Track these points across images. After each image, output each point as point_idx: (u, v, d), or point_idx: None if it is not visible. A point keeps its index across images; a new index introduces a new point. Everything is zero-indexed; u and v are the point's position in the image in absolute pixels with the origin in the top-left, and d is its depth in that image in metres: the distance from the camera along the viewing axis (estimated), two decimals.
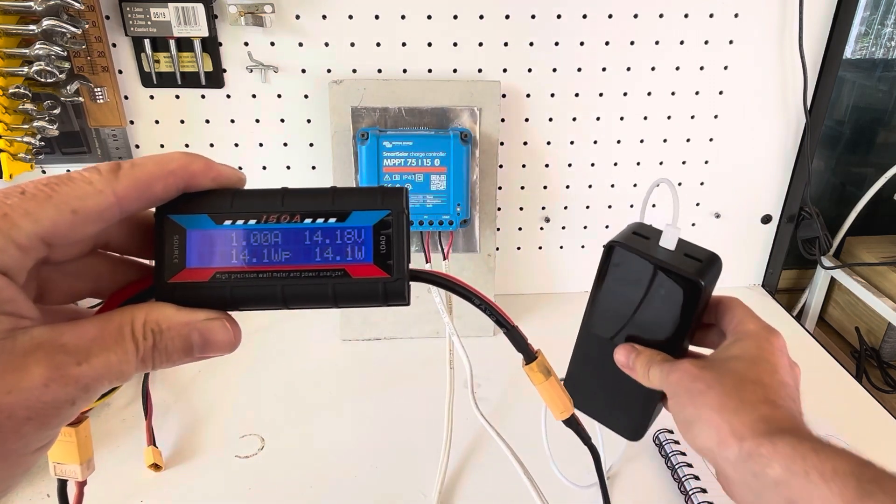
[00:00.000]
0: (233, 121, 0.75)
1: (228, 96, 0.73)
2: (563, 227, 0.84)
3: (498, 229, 0.78)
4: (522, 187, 0.81)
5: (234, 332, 0.24)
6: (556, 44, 0.73)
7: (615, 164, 0.81)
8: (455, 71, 0.74)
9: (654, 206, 0.54)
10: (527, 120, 0.77)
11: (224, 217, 0.24)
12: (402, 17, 0.71)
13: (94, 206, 0.21)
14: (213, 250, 0.24)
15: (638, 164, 0.81)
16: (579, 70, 0.75)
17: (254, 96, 0.74)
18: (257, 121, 0.75)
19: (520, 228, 0.84)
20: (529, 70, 0.75)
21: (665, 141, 0.80)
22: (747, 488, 0.32)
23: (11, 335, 0.20)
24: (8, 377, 0.19)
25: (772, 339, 0.37)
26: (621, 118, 0.78)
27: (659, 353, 0.40)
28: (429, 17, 0.71)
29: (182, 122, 0.74)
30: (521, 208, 0.82)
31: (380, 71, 0.73)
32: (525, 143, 0.79)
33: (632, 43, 0.74)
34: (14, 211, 0.20)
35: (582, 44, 0.74)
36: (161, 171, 0.23)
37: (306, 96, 0.74)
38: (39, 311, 0.21)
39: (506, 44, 0.73)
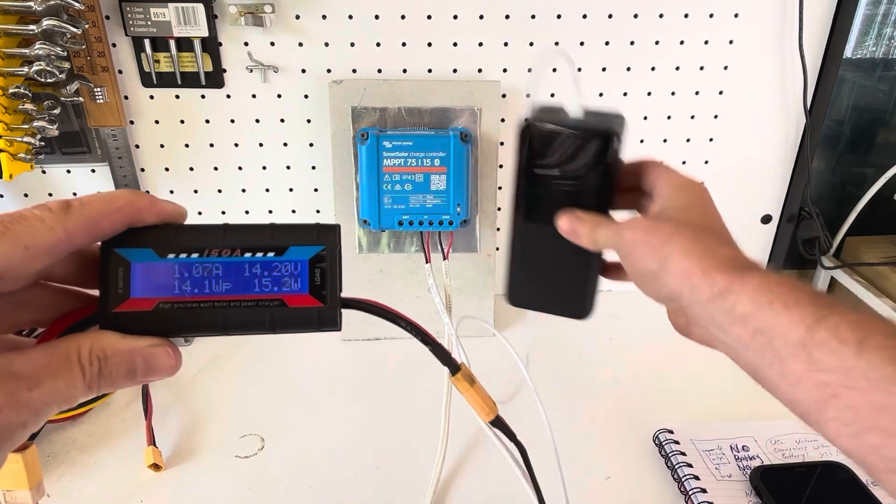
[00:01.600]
0: (233, 121, 0.75)
1: (228, 96, 0.73)
2: None
3: (498, 229, 0.78)
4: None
5: (175, 357, 0.26)
6: (556, 44, 0.73)
7: None
8: (455, 71, 0.74)
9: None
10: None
11: (168, 250, 0.26)
12: (402, 17, 0.71)
13: (44, 242, 0.22)
14: (156, 281, 0.26)
15: None
16: (579, 70, 0.75)
17: (254, 96, 0.74)
18: (257, 121, 0.75)
19: None
20: (529, 70, 0.75)
21: (665, 141, 0.80)
22: (713, 325, 0.34)
23: None
24: None
25: (704, 189, 0.39)
26: None
27: (602, 216, 0.42)
28: (429, 17, 0.71)
29: (182, 122, 0.74)
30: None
31: (380, 71, 0.73)
32: None
33: (632, 43, 0.74)
34: None
35: (582, 44, 0.74)
36: (109, 209, 0.24)
37: (306, 96, 0.74)
38: None
39: (506, 44, 0.73)
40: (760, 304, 0.31)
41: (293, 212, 0.80)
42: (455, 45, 0.73)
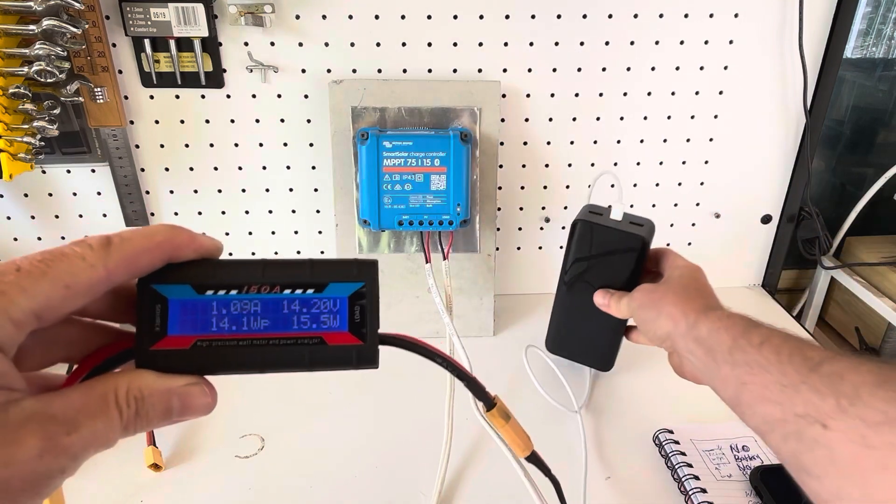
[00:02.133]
0: (233, 121, 0.75)
1: (228, 96, 0.73)
2: (563, 227, 0.84)
3: (498, 229, 0.78)
4: (522, 187, 0.81)
5: (212, 395, 0.25)
6: (556, 44, 0.73)
7: (615, 164, 0.81)
8: (455, 71, 0.74)
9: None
10: (527, 120, 0.77)
11: (206, 287, 0.25)
12: (402, 17, 0.71)
13: (86, 280, 0.22)
14: (194, 319, 0.25)
15: (638, 164, 0.81)
16: (579, 70, 0.75)
17: (254, 96, 0.74)
18: (257, 121, 0.75)
19: (520, 228, 0.84)
20: (529, 70, 0.75)
21: (665, 141, 0.80)
22: (689, 353, 0.46)
23: (4, 408, 0.20)
24: (3, 450, 0.20)
25: (698, 268, 0.54)
26: (621, 118, 0.78)
27: (625, 292, 0.57)
28: (429, 17, 0.71)
29: (182, 122, 0.74)
30: (521, 208, 0.82)
31: (380, 71, 0.73)
32: (525, 143, 0.79)
33: (632, 43, 0.74)
34: (11, 288, 0.20)
35: (582, 44, 0.74)
36: (148, 245, 0.24)
37: (306, 96, 0.74)
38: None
39: (506, 44, 0.73)
40: (712, 330, 0.44)
41: (293, 212, 0.80)
42: (455, 45, 0.73)
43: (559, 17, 0.72)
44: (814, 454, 0.33)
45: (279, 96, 0.74)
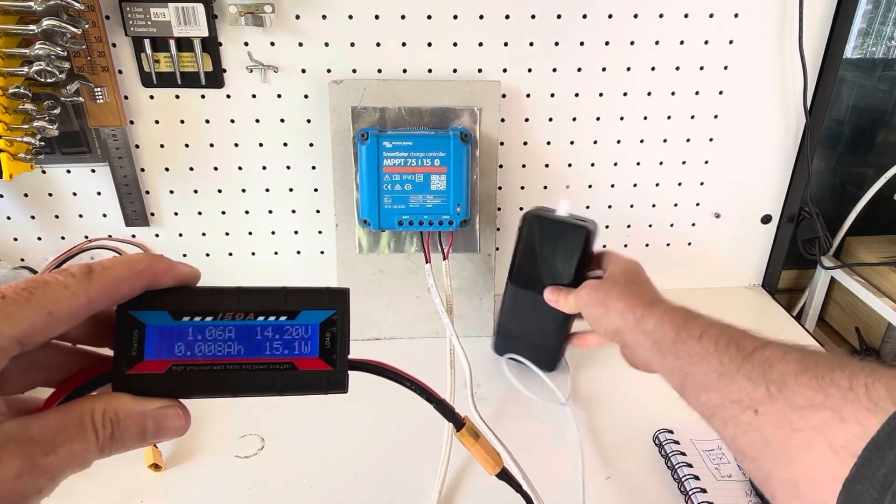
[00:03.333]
0: (233, 121, 0.75)
1: (228, 96, 0.73)
2: None
3: (498, 229, 0.78)
4: (522, 187, 0.81)
5: (186, 418, 0.26)
6: (556, 44, 0.73)
7: (615, 164, 0.81)
8: (455, 71, 0.74)
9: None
10: (527, 120, 0.77)
11: (182, 314, 0.26)
12: (402, 17, 0.71)
13: (67, 307, 0.23)
14: (170, 344, 0.26)
15: (638, 164, 0.81)
16: (579, 70, 0.75)
17: (254, 96, 0.74)
18: (257, 121, 0.75)
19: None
20: (529, 70, 0.75)
21: (665, 141, 0.80)
22: (639, 345, 0.49)
23: None
24: None
25: (638, 263, 0.58)
26: (621, 118, 0.78)
27: (573, 289, 0.59)
28: (429, 17, 0.71)
29: (182, 122, 0.74)
30: (520, 208, 0.82)
31: (380, 71, 0.73)
32: (525, 143, 0.79)
33: (632, 43, 0.74)
34: None
35: (582, 44, 0.74)
36: (129, 273, 0.25)
37: (306, 96, 0.74)
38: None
39: (506, 44, 0.73)
40: (657, 323, 0.47)
41: (293, 212, 0.80)
42: (455, 45, 0.73)
43: (559, 17, 0.72)
44: (748, 437, 0.35)
45: (279, 96, 0.74)
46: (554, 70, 0.75)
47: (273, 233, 0.82)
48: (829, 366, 0.33)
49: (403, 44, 0.72)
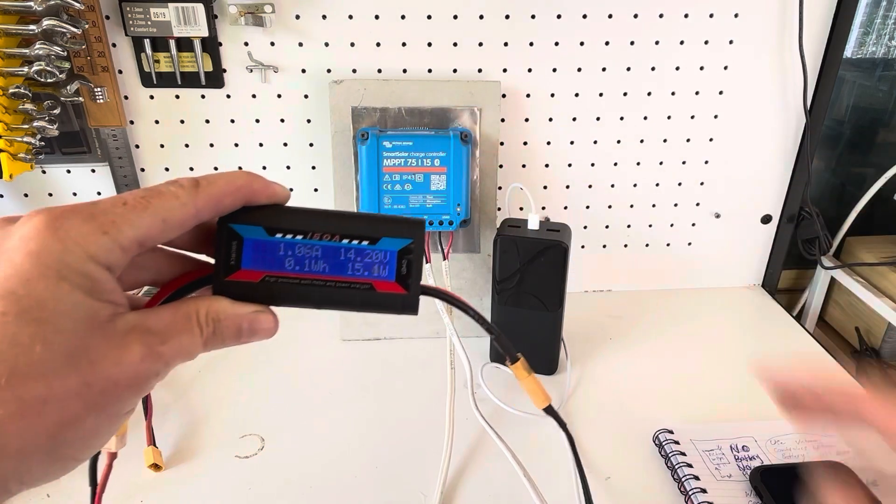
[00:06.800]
0: (233, 121, 0.75)
1: (228, 96, 0.73)
2: None
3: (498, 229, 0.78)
4: (521, 188, 0.81)
5: (275, 322, 0.29)
6: (556, 44, 0.73)
7: (615, 164, 0.81)
8: (455, 71, 0.74)
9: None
10: (527, 120, 0.77)
11: (276, 230, 0.29)
12: (402, 17, 0.71)
13: (179, 216, 0.26)
14: (264, 257, 0.29)
15: (638, 164, 0.81)
16: (579, 70, 0.75)
17: (254, 96, 0.74)
18: (257, 121, 0.75)
19: None
20: (529, 70, 0.75)
21: (665, 141, 0.80)
22: None
23: (112, 319, 0.24)
24: (114, 353, 0.24)
25: None
26: (621, 118, 0.78)
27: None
28: (429, 17, 0.71)
29: (182, 122, 0.74)
30: (520, 208, 0.82)
31: (380, 71, 0.73)
32: (525, 143, 0.79)
33: (632, 43, 0.74)
34: (120, 219, 0.24)
35: (582, 44, 0.74)
36: (230, 188, 0.27)
37: (306, 96, 0.74)
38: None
39: (506, 44, 0.73)
40: None
41: None
42: (455, 45, 0.73)
43: (559, 17, 0.72)
44: None
45: (279, 96, 0.74)
46: (554, 70, 0.75)
47: None
48: None
49: (403, 44, 0.72)
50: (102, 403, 0.24)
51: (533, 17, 0.72)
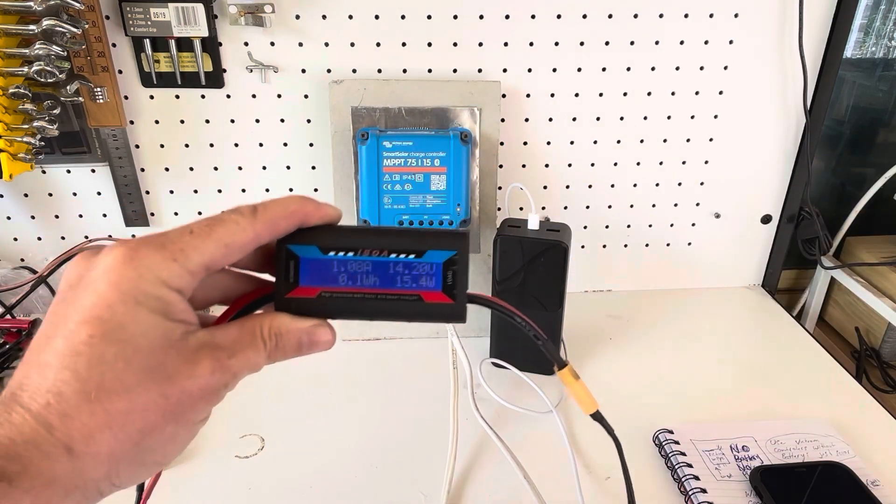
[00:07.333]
0: (233, 121, 0.75)
1: (228, 96, 0.73)
2: None
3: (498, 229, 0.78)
4: (521, 188, 0.81)
5: (332, 335, 0.31)
6: (556, 44, 0.73)
7: (615, 164, 0.81)
8: (455, 71, 0.74)
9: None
10: (527, 120, 0.77)
11: (329, 249, 0.31)
12: (402, 17, 0.71)
13: (240, 240, 0.28)
14: (320, 274, 0.31)
15: (638, 164, 0.81)
16: (579, 70, 0.75)
17: (254, 96, 0.74)
18: (257, 121, 0.75)
19: None
20: (529, 70, 0.75)
21: (665, 141, 0.80)
22: None
23: (185, 337, 0.27)
24: (187, 367, 0.27)
25: None
26: (621, 118, 0.78)
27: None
28: (429, 17, 0.71)
29: (182, 122, 0.74)
30: (520, 208, 0.82)
31: (380, 71, 0.73)
32: (525, 143, 0.79)
33: (632, 43, 0.74)
34: (188, 247, 0.27)
35: (582, 44, 0.74)
36: (285, 213, 0.29)
37: (306, 96, 0.74)
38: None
39: (506, 44, 0.73)
40: None
41: None
42: (455, 45, 0.73)
43: (559, 17, 0.72)
44: None
45: (279, 96, 0.74)
46: (554, 70, 0.75)
47: None
48: None
49: (403, 44, 0.72)
50: (179, 413, 0.27)
51: (533, 17, 0.72)
